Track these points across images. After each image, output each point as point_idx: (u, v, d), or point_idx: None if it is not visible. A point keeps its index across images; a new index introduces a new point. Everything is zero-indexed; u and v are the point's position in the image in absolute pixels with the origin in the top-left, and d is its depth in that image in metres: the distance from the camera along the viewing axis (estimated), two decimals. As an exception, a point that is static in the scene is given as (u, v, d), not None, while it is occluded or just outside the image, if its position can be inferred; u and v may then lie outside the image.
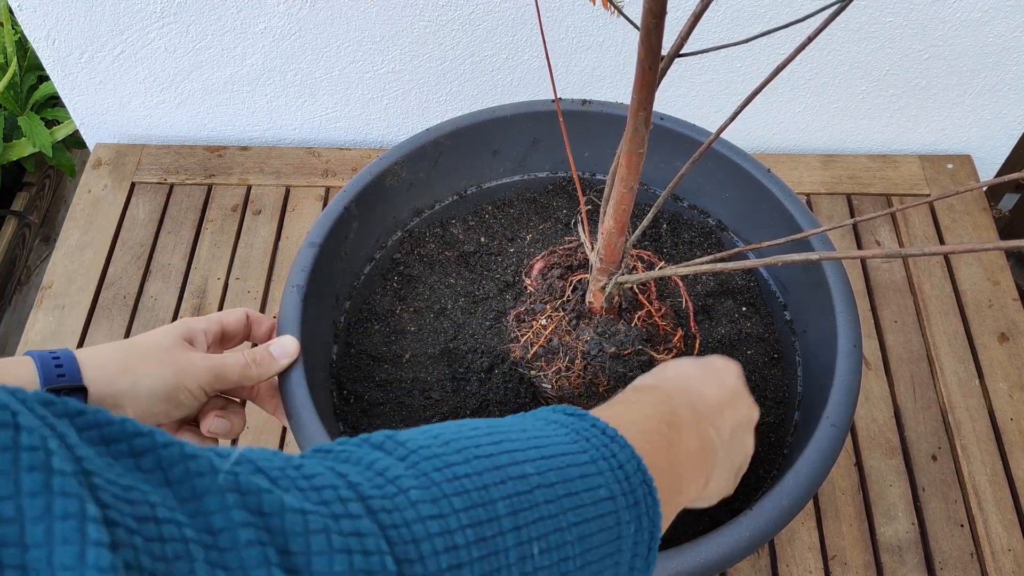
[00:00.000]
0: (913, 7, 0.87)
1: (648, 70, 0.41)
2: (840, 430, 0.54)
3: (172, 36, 0.91)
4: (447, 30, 0.90)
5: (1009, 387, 0.82)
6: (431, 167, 0.72)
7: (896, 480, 0.77)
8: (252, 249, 0.93)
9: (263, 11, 0.89)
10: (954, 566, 0.72)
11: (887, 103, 0.98)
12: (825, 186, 0.98)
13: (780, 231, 0.67)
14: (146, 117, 1.02)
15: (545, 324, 0.63)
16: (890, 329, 0.86)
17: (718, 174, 0.71)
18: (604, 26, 0.90)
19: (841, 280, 0.62)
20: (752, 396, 0.53)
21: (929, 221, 0.95)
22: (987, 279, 0.90)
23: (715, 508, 0.61)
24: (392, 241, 0.74)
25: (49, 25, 0.90)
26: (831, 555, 0.73)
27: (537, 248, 0.74)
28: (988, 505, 0.75)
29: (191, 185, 0.99)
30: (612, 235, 0.54)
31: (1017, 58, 0.92)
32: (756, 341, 0.69)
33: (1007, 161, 1.05)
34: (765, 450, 0.64)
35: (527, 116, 0.72)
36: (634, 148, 0.47)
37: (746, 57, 0.92)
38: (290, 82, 0.97)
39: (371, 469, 0.28)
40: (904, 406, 0.81)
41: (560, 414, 0.36)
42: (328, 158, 1.01)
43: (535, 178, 0.78)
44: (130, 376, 0.48)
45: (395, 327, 0.70)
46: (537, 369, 0.62)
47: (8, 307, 1.34)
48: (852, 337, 0.59)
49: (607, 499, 0.32)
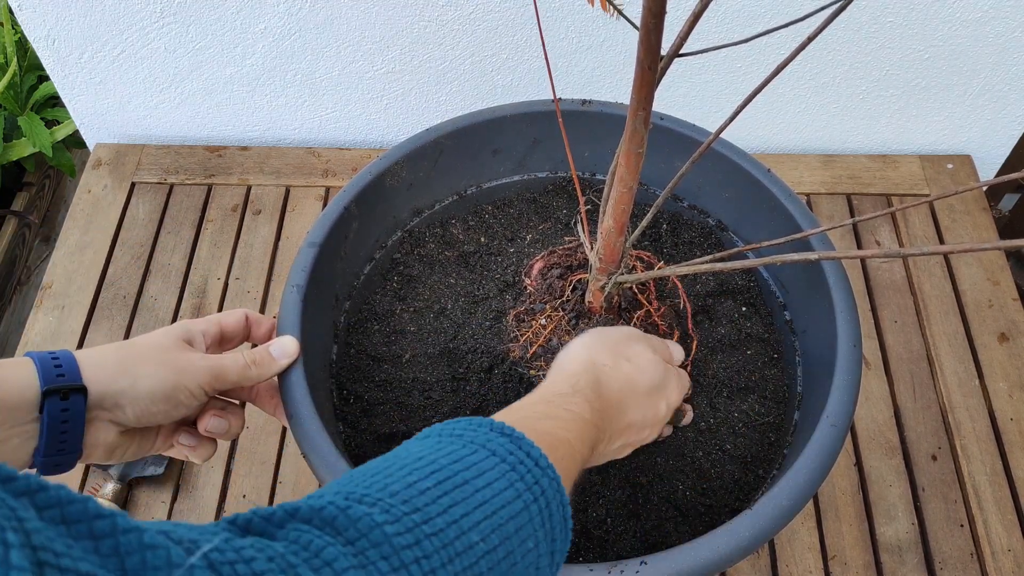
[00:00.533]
0: (913, 7, 0.87)
1: (648, 70, 0.41)
2: (840, 430, 0.54)
3: (172, 36, 0.91)
4: (447, 30, 0.90)
5: (1009, 387, 0.82)
6: (431, 167, 0.72)
7: (896, 480, 0.77)
8: (252, 249, 0.93)
9: (263, 11, 0.89)
10: (954, 566, 0.72)
11: (887, 103, 0.98)
12: (825, 186, 0.98)
13: (780, 231, 0.67)
14: (146, 117, 1.02)
15: (545, 324, 0.63)
16: (890, 329, 0.86)
17: (718, 174, 0.71)
18: (604, 26, 0.90)
19: (841, 280, 0.62)
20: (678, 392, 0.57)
21: (929, 221, 0.95)
22: (987, 279, 0.90)
23: (715, 508, 0.61)
24: (392, 241, 0.74)
25: (49, 25, 0.90)
26: (831, 555, 0.73)
27: (537, 248, 0.74)
28: (988, 505, 0.75)
29: (191, 185, 0.99)
30: (611, 235, 0.54)
31: (1017, 58, 0.92)
32: (756, 341, 0.69)
33: (1007, 161, 1.05)
34: (765, 450, 0.64)
35: (527, 116, 0.72)
36: (633, 148, 0.47)
37: (746, 57, 0.92)
38: (290, 82, 0.97)
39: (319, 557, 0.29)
40: (904, 406, 0.81)
41: (497, 435, 0.39)
42: (328, 158, 1.01)
43: (535, 178, 0.78)
44: (129, 376, 0.48)
45: (395, 327, 0.70)
46: (537, 369, 0.62)
47: (8, 307, 1.34)
48: (852, 337, 0.59)
49: (532, 549, 0.36)
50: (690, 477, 0.62)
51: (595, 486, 0.61)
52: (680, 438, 0.64)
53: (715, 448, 0.63)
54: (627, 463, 0.62)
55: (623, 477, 0.62)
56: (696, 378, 0.67)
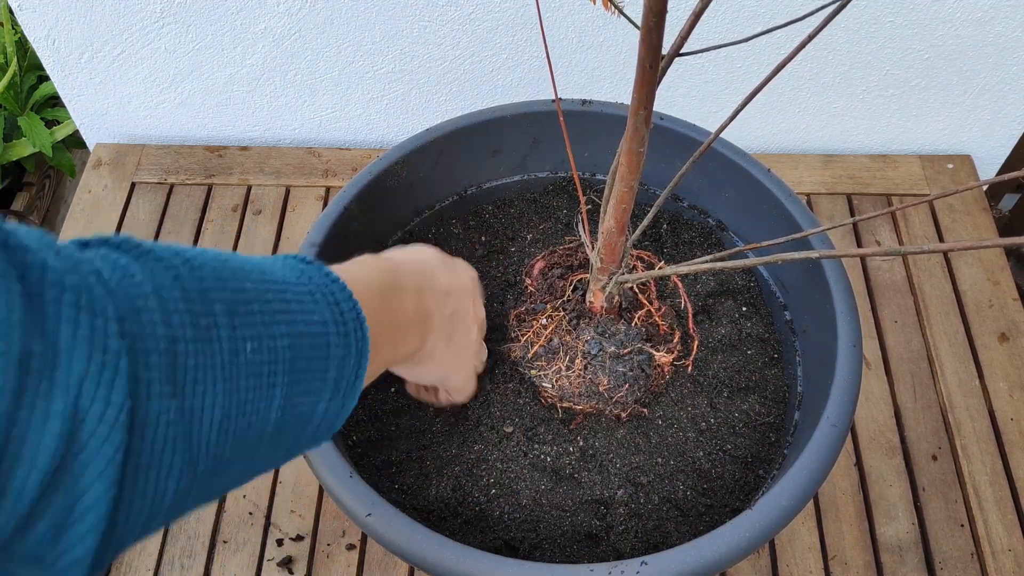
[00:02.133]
0: (913, 7, 0.87)
1: (648, 69, 0.41)
2: (840, 430, 0.54)
3: (172, 36, 0.91)
4: (447, 30, 0.90)
5: (1009, 387, 0.82)
6: (431, 167, 0.72)
7: (896, 480, 0.77)
8: (252, 249, 0.93)
9: (263, 11, 0.89)
10: (954, 566, 0.72)
11: (887, 103, 0.98)
12: (825, 186, 0.98)
13: (780, 231, 0.67)
14: (146, 117, 1.02)
15: (545, 324, 0.63)
16: (890, 329, 0.86)
17: (718, 174, 0.71)
18: (604, 26, 0.90)
19: (841, 280, 0.62)
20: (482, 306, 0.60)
21: (929, 221, 0.95)
22: (987, 279, 0.90)
23: (715, 508, 0.61)
24: (392, 241, 0.74)
25: (49, 25, 0.90)
26: (831, 555, 0.73)
27: (537, 248, 0.74)
28: (988, 505, 0.75)
29: (191, 185, 0.99)
30: (612, 235, 0.54)
31: (1017, 58, 0.92)
32: (756, 341, 0.69)
33: (1007, 161, 1.05)
34: (765, 450, 0.64)
35: (527, 116, 0.72)
36: (634, 147, 0.47)
37: (746, 57, 0.93)
38: (290, 82, 0.97)
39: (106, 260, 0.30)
40: (904, 406, 0.81)
41: (295, 260, 0.40)
42: (328, 158, 1.01)
43: (535, 178, 0.78)
44: None
45: (395, 327, 0.70)
46: (537, 369, 0.62)
47: (8, 307, 1.33)
48: (852, 337, 0.59)
49: (319, 323, 0.37)
50: (690, 477, 0.62)
51: (595, 486, 0.61)
52: (680, 438, 0.64)
53: (715, 448, 0.63)
54: (627, 463, 0.62)
55: (623, 477, 0.62)
56: (696, 378, 0.67)
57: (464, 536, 0.59)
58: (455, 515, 0.60)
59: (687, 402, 0.65)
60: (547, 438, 0.63)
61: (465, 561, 0.49)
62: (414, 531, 0.50)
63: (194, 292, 0.31)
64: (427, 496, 0.61)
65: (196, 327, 0.30)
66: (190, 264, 0.32)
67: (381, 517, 0.51)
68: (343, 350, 0.38)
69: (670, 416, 0.64)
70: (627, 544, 0.59)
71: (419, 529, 0.50)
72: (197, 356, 0.30)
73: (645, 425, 0.64)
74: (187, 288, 0.31)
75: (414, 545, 0.50)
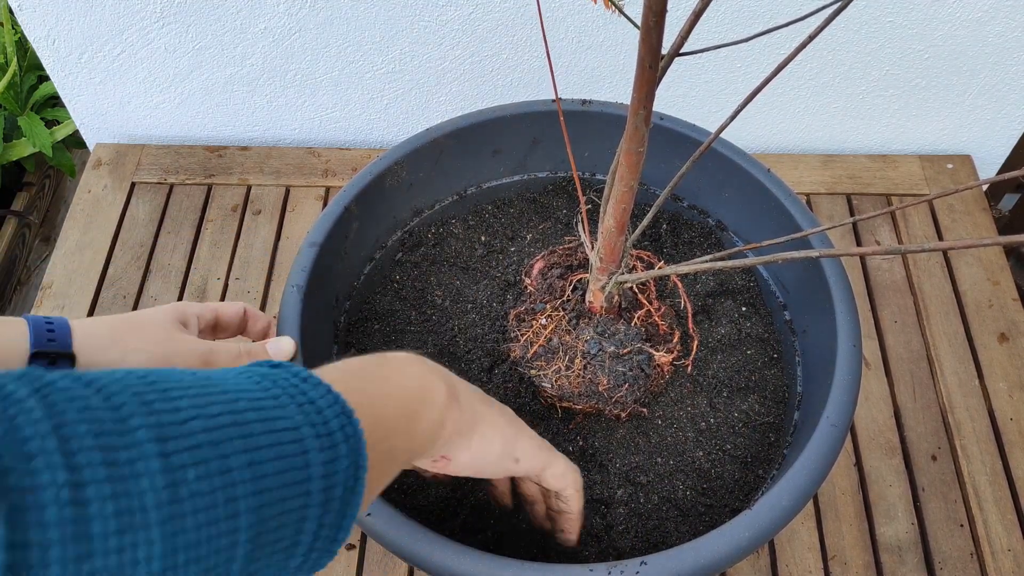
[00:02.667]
0: (913, 7, 0.87)
1: (648, 68, 0.41)
2: (840, 430, 0.54)
3: (172, 36, 0.91)
4: (447, 30, 0.90)
5: (1009, 387, 0.82)
6: (431, 167, 0.72)
7: (896, 480, 0.77)
8: (252, 249, 0.93)
9: (263, 11, 0.89)
10: (954, 566, 0.72)
11: (887, 103, 0.98)
12: (825, 186, 0.98)
13: (780, 231, 0.67)
14: (146, 117, 1.02)
15: (545, 324, 0.63)
16: (890, 329, 0.86)
17: (718, 174, 0.71)
18: (604, 26, 0.90)
19: (841, 280, 0.62)
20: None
21: (929, 221, 0.95)
22: (987, 279, 0.90)
23: (715, 508, 0.61)
24: (392, 241, 0.74)
25: (49, 25, 0.90)
26: (831, 555, 0.73)
27: (537, 248, 0.74)
28: (988, 505, 0.75)
29: (191, 185, 0.99)
30: (612, 234, 0.54)
31: (1017, 58, 0.92)
32: (756, 341, 0.69)
33: (1007, 161, 1.05)
34: (765, 450, 0.64)
35: (527, 116, 0.72)
36: (634, 147, 0.47)
37: (746, 57, 0.93)
38: (290, 82, 0.97)
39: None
40: (904, 406, 0.81)
41: (260, 366, 0.35)
42: (328, 158, 1.01)
43: (535, 178, 0.78)
44: (119, 348, 0.48)
45: (395, 327, 0.70)
46: (537, 369, 0.62)
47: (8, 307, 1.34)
48: (852, 337, 0.59)
49: (286, 429, 0.31)
50: (690, 477, 0.62)
51: (595, 486, 0.61)
52: (680, 438, 0.64)
53: (715, 448, 0.63)
54: (627, 462, 0.62)
55: (623, 476, 0.62)
56: (696, 378, 0.67)
57: (464, 536, 0.59)
58: (455, 515, 0.60)
59: (687, 402, 0.65)
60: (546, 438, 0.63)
61: (465, 561, 0.49)
62: (414, 531, 0.50)
63: (108, 423, 0.26)
64: (427, 496, 0.61)
65: (112, 464, 0.25)
66: (103, 392, 0.27)
67: (381, 517, 0.51)
68: (328, 453, 0.32)
69: (670, 416, 0.64)
70: (627, 544, 0.59)
71: (419, 529, 0.50)
72: (117, 499, 0.25)
73: (645, 425, 0.64)
74: (99, 419, 0.26)
75: (414, 545, 0.50)
